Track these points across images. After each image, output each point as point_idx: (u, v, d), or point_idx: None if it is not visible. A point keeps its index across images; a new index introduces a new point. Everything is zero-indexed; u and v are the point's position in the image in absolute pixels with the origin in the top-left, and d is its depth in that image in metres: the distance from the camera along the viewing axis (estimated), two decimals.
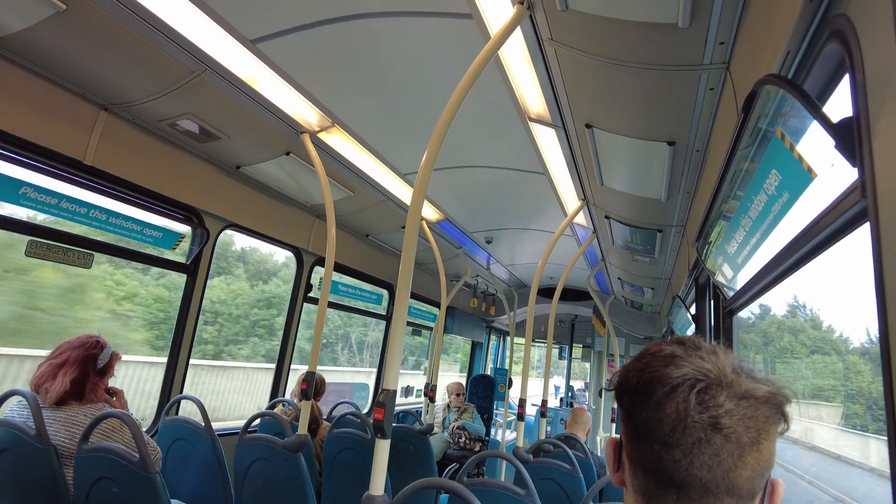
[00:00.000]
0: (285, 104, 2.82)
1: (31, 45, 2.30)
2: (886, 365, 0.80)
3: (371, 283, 5.72)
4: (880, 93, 0.82)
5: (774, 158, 1.33)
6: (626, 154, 2.66)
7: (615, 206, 3.51)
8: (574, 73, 2.12)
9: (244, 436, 2.91)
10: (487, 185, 4.16)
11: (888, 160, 0.80)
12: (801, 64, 1.24)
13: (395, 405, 1.91)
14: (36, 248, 2.69)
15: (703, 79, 1.86)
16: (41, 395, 2.23)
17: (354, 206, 4.28)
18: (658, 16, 1.60)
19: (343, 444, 3.39)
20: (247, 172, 3.64)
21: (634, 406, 0.71)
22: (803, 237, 1.30)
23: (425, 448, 3.99)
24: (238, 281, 14.49)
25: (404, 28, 2.29)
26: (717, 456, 0.64)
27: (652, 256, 4.28)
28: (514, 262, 6.98)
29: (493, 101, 2.74)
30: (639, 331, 8.02)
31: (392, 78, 2.68)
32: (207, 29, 2.23)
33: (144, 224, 3.25)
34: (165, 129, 3.02)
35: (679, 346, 0.72)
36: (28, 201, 2.66)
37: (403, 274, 1.96)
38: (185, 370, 3.55)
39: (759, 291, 1.98)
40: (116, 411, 2.19)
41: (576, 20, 1.75)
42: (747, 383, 0.66)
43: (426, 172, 1.98)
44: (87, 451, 2.07)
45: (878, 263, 0.83)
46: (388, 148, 3.42)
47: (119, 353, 2.48)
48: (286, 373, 4.46)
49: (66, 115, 2.67)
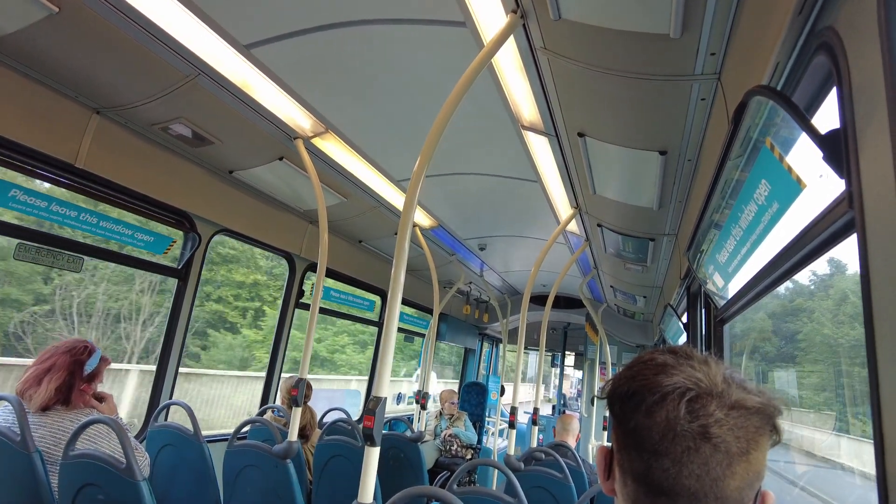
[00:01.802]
0: (279, 109, 2.82)
1: (24, 47, 2.29)
2: (873, 372, 0.80)
3: (364, 289, 5.70)
4: (866, 105, 0.83)
5: (764, 169, 1.34)
6: (618, 163, 2.67)
7: (607, 214, 3.52)
8: (567, 82, 2.13)
9: (234, 442, 2.89)
10: (480, 192, 4.17)
11: (875, 172, 0.81)
12: (790, 76, 1.25)
13: (385, 412, 1.90)
14: (25, 252, 2.67)
15: (694, 89, 1.88)
16: (25, 401, 2.20)
17: (347, 211, 4.27)
18: (650, 26, 1.61)
19: (333, 451, 3.37)
20: (240, 177, 3.63)
21: (625, 414, 0.71)
22: (793, 247, 1.31)
23: (416, 456, 3.97)
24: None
25: (398, 35, 2.29)
26: (706, 465, 0.64)
27: (644, 265, 4.29)
28: (507, 270, 6.98)
29: (486, 109, 2.74)
30: (631, 339, 8.03)
31: (386, 84, 2.68)
32: (201, 33, 2.22)
33: (136, 228, 3.23)
34: (158, 133, 3.01)
35: (671, 355, 0.72)
36: (18, 204, 2.64)
37: (395, 280, 1.96)
38: (175, 376, 3.52)
39: (750, 301, 1.99)
40: (103, 416, 2.16)
41: (569, 29, 1.76)
42: (738, 393, 0.67)
43: (419, 179, 1.98)
44: (73, 458, 2.04)
45: (866, 274, 0.84)
46: (381, 154, 3.42)
47: (108, 358, 2.45)
48: (277, 378, 4.43)
49: (57, 117, 2.66)
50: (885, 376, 0.78)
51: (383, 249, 5.46)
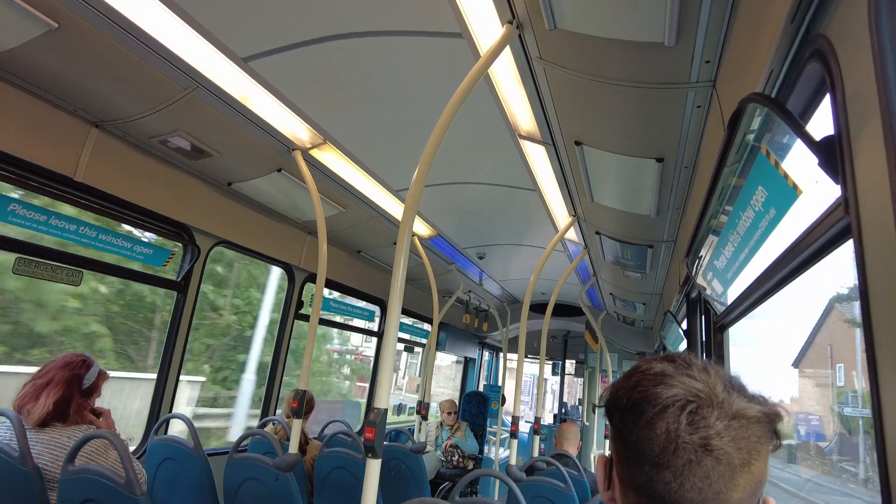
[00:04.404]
0: (277, 121, 2.83)
1: (23, 62, 2.30)
2: (873, 376, 0.80)
3: (363, 299, 5.70)
4: (860, 112, 0.84)
5: (761, 175, 1.34)
6: (615, 171, 2.68)
7: (606, 221, 3.53)
8: (563, 91, 2.14)
9: (234, 455, 2.87)
10: (479, 201, 4.18)
11: (869, 178, 0.82)
12: (784, 82, 1.26)
13: (386, 424, 1.89)
14: (24, 266, 2.67)
15: (690, 96, 1.89)
16: (23, 416, 2.18)
17: (346, 222, 4.28)
18: (644, 35, 1.62)
19: (335, 463, 3.35)
20: (238, 189, 3.64)
21: (625, 425, 0.70)
22: (791, 252, 1.31)
23: (418, 466, 3.95)
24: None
25: (395, 46, 2.31)
26: (708, 478, 0.64)
27: (643, 272, 4.29)
28: (506, 278, 6.98)
29: (483, 119, 2.76)
30: (631, 346, 8.00)
31: (383, 95, 2.69)
32: (199, 47, 2.24)
33: (135, 241, 3.23)
34: (157, 146, 3.02)
35: (670, 363, 0.71)
36: (17, 218, 2.64)
37: (394, 290, 1.95)
38: (175, 388, 3.51)
39: (750, 306, 1.99)
40: (101, 432, 2.15)
41: (564, 39, 1.77)
42: (738, 402, 0.66)
43: (417, 188, 1.98)
44: (72, 474, 2.03)
45: (863, 279, 0.84)
46: (379, 164, 3.44)
47: (106, 373, 2.44)
48: (277, 390, 4.41)
49: (56, 131, 2.66)
50: (885, 381, 0.78)
51: (382, 259, 5.46)
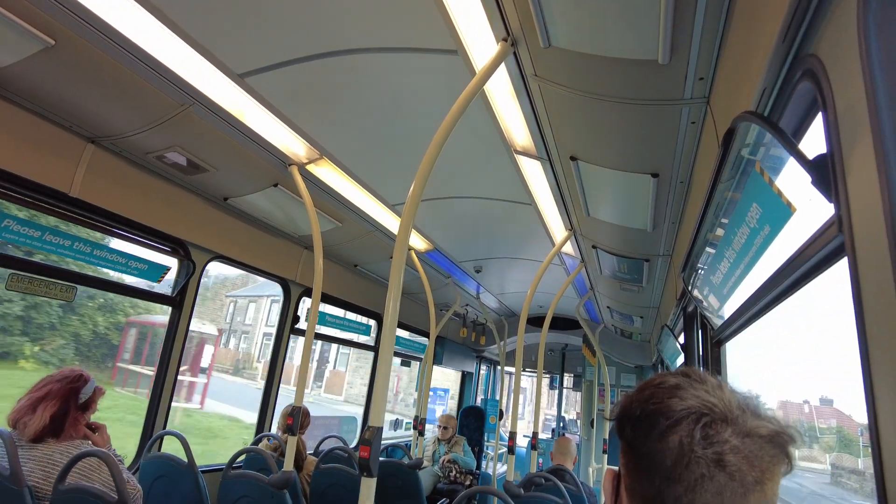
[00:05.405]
0: (273, 137, 2.84)
1: (19, 78, 2.31)
2: (869, 393, 0.80)
3: (359, 313, 5.68)
4: (852, 130, 0.84)
5: (755, 192, 1.35)
6: (611, 186, 2.69)
7: (602, 236, 3.53)
8: (558, 108, 2.15)
9: (228, 472, 2.84)
10: (475, 215, 4.18)
11: (862, 196, 0.82)
12: (776, 100, 1.27)
13: (381, 441, 1.87)
14: (17, 282, 2.65)
15: (684, 113, 1.90)
16: (19, 430, 2.16)
17: (342, 236, 4.27)
18: (638, 52, 1.63)
19: (331, 480, 3.32)
20: (234, 204, 3.63)
21: (637, 437, 0.69)
22: (786, 269, 1.31)
23: (414, 483, 3.91)
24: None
25: (391, 63, 2.32)
26: (721, 495, 0.62)
27: (640, 285, 4.29)
28: (503, 292, 6.97)
29: (479, 134, 2.77)
30: (629, 359, 7.98)
31: (380, 111, 2.71)
32: (195, 63, 2.25)
33: (130, 256, 3.22)
34: (153, 161, 3.02)
35: (684, 377, 0.71)
36: (11, 234, 2.63)
37: (391, 304, 1.95)
38: (169, 405, 3.47)
39: (746, 322, 1.99)
40: (94, 450, 2.13)
41: (558, 57, 1.79)
42: (752, 421, 0.65)
43: (414, 203, 1.98)
44: (64, 492, 2.00)
45: (858, 297, 0.84)
46: (376, 179, 3.44)
47: (102, 388, 2.43)
48: (272, 406, 4.38)
49: (51, 147, 2.66)
50: (880, 396, 0.78)
51: (379, 273, 5.45)
